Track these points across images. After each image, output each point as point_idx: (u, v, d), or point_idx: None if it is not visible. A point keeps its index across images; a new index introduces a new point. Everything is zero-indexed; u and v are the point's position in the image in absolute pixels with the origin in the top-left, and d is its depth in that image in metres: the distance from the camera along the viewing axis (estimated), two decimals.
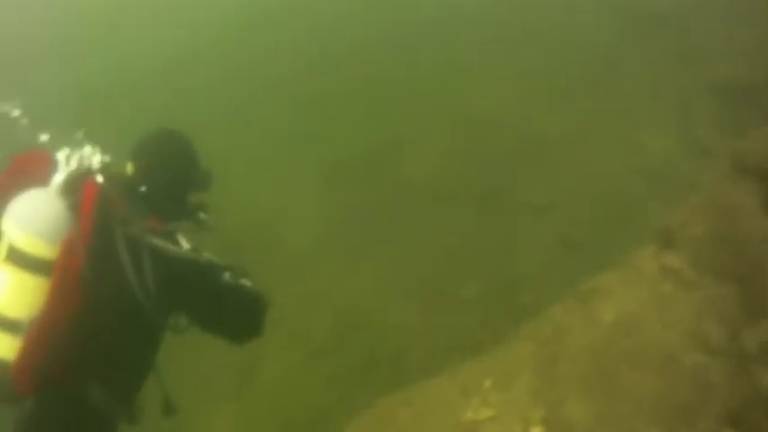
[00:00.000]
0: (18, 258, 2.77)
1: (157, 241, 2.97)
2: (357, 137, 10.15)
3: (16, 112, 3.24)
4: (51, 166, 3.00)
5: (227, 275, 3.16)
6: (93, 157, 3.12)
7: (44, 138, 3.15)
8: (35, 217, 2.84)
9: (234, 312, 3.22)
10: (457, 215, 8.66)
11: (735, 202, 4.53)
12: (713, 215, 4.64)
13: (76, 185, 2.94)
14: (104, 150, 3.15)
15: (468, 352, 7.38)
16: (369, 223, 8.85)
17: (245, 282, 3.24)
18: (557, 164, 8.65)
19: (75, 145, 3.13)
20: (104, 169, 3.11)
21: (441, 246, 8.43)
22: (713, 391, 3.66)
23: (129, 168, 3.27)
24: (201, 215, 3.48)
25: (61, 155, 3.05)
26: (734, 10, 9.55)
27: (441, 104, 10.29)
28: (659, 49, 9.65)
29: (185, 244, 3.13)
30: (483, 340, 7.15)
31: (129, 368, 3.10)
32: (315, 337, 7.91)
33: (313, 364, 7.64)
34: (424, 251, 8.42)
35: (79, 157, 3.08)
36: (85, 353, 2.86)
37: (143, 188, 3.23)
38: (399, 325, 7.73)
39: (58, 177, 2.96)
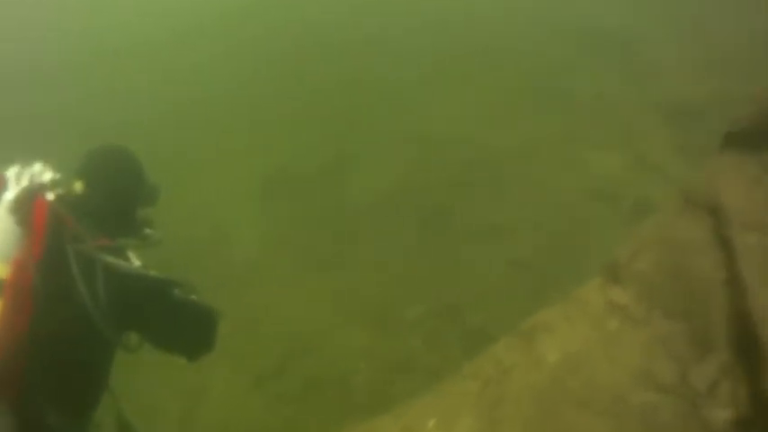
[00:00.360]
0: None
1: (110, 258, 2.94)
2: (304, 152, 10.01)
3: None
4: (0, 184, 2.99)
5: (176, 291, 3.17)
6: (44, 175, 3.11)
7: None
8: None
9: (186, 328, 3.22)
10: (403, 235, 8.55)
11: (684, 236, 4.46)
12: (661, 249, 4.52)
13: (27, 203, 2.91)
14: (54, 168, 3.15)
15: (413, 375, 7.25)
16: (312, 242, 8.67)
17: (194, 297, 3.24)
18: (505, 184, 8.58)
19: (25, 162, 3.12)
20: (54, 186, 3.12)
21: (385, 266, 8.32)
22: (663, 431, 3.48)
23: (78, 186, 3.25)
24: (147, 231, 3.49)
25: (11, 172, 3.04)
26: (682, 27, 9.48)
27: (391, 121, 10.20)
28: (609, 67, 9.58)
29: (135, 261, 3.15)
30: (429, 363, 7.21)
31: (84, 387, 3.03)
32: (259, 361, 7.67)
33: (258, 387, 7.47)
34: (369, 272, 8.30)
35: (29, 175, 3.07)
36: (39, 372, 2.80)
37: (91, 205, 3.22)
38: (344, 347, 7.59)
39: (8, 195, 2.92)
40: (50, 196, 3.05)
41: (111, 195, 3.34)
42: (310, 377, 7.43)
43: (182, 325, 3.21)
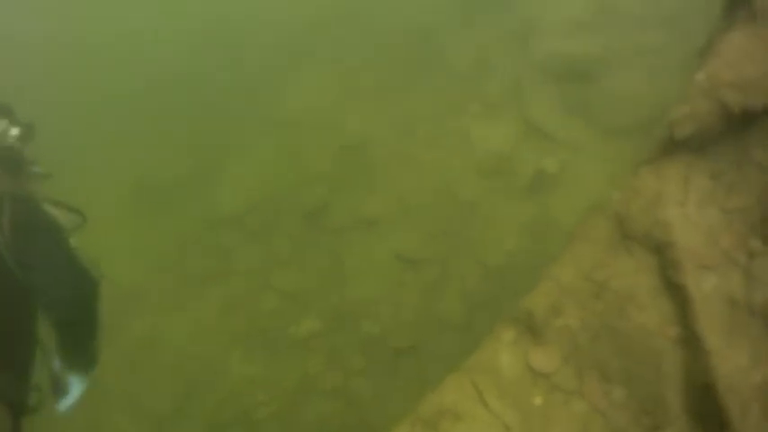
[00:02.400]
0: None
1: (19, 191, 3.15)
2: (166, 159, 9.33)
3: None
4: None
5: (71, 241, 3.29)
6: None
7: None
8: None
9: (71, 277, 3.21)
10: (279, 240, 8.18)
11: (621, 282, 3.75)
12: (590, 299, 3.79)
13: None
14: None
15: (319, 397, 6.90)
16: (188, 258, 8.01)
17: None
18: (383, 170, 8.09)
19: None
20: None
21: (266, 277, 7.96)
22: None
23: None
24: (35, 168, 3.62)
25: None
26: None
27: (251, 115, 9.52)
28: (488, 26, 8.63)
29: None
30: (333, 381, 7.07)
31: (15, 341, 3.08)
32: (152, 401, 7.16)
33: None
34: (251, 286, 7.92)
35: None
36: None
37: None
38: (241, 377, 7.27)
39: None
40: None
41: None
42: (211, 414, 7.02)
43: (68, 273, 3.19)
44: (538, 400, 3.61)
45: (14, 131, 3.55)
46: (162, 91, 10.01)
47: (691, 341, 3.34)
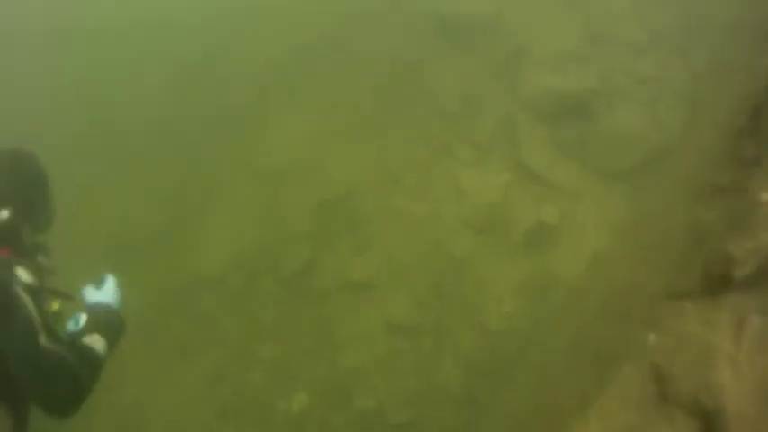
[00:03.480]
0: None
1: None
2: (147, 213, 8.72)
3: None
4: None
5: (77, 319, 3.14)
6: None
7: None
8: None
9: (42, 380, 2.89)
10: (266, 305, 7.67)
11: None
12: None
13: None
14: None
15: None
16: (169, 325, 7.47)
17: (93, 340, 3.13)
18: (370, 226, 7.49)
19: None
20: None
21: (252, 348, 7.46)
22: None
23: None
24: (41, 258, 3.39)
25: None
26: (555, 8, 7.86)
27: (226, 164, 8.86)
28: (474, 56, 7.95)
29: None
30: None
31: None
32: None
33: None
34: (240, 356, 7.45)
35: None
36: None
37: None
38: None
39: None
40: None
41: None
42: None
43: (39, 373, 2.88)
44: None
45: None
46: (136, 138, 9.39)
47: None
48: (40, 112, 9.53)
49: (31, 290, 3.07)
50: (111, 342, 3.29)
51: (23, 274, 3.12)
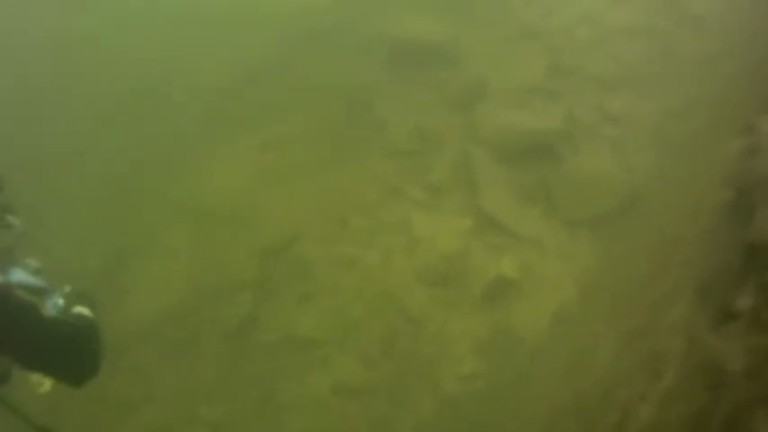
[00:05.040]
0: None
1: None
2: (77, 254, 7.90)
3: None
4: None
5: (55, 302, 3.12)
6: None
7: None
8: None
9: (55, 351, 2.94)
10: (206, 361, 7.02)
11: None
12: None
13: None
14: None
15: None
16: (107, 382, 6.75)
17: (80, 309, 3.18)
18: (317, 275, 6.95)
19: None
20: None
21: (196, 407, 6.78)
22: None
23: None
24: (10, 217, 3.30)
25: None
26: (511, 38, 7.28)
27: (170, 201, 8.15)
28: (428, 87, 7.36)
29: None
30: None
31: None
32: None
33: None
34: (180, 417, 6.78)
35: None
36: None
37: None
38: None
39: None
40: None
41: None
42: None
43: (50, 347, 2.93)
44: None
45: None
46: (63, 173, 8.60)
47: None
48: None
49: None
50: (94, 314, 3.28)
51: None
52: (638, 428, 3.44)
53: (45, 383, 3.12)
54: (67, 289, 3.25)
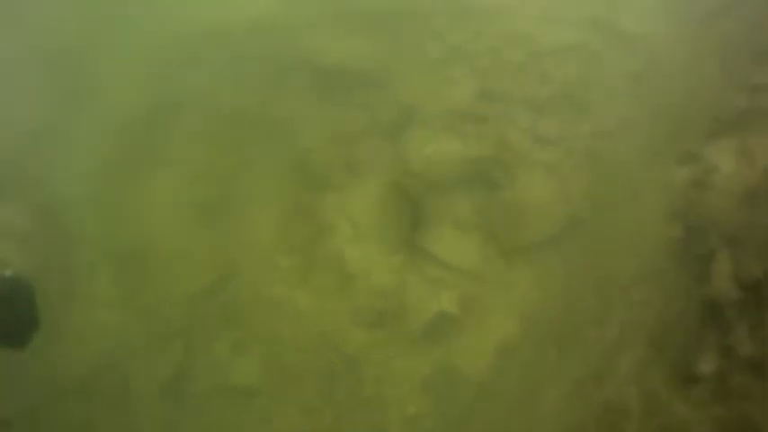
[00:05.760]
0: None
1: None
2: None
3: None
4: None
5: None
6: None
7: None
8: None
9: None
10: (140, 414, 6.62)
11: None
12: None
13: None
14: None
15: None
16: None
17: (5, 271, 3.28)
18: (250, 319, 6.70)
19: None
20: None
21: None
22: None
23: None
24: None
25: None
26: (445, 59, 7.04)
27: (92, 243, 7.61)
28: (356, 119, 7.02)
29: None
30: None
31: None
32: None
33: None
34: None
35: None
36: None
37: None
38: None
39: None
40: None
41: None
42: None
43: None
44: None
45: None
46: None
47: None
48: None
49: None
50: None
51: None
52: None
53: None
54: None
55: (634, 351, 4.29)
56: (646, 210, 5.39)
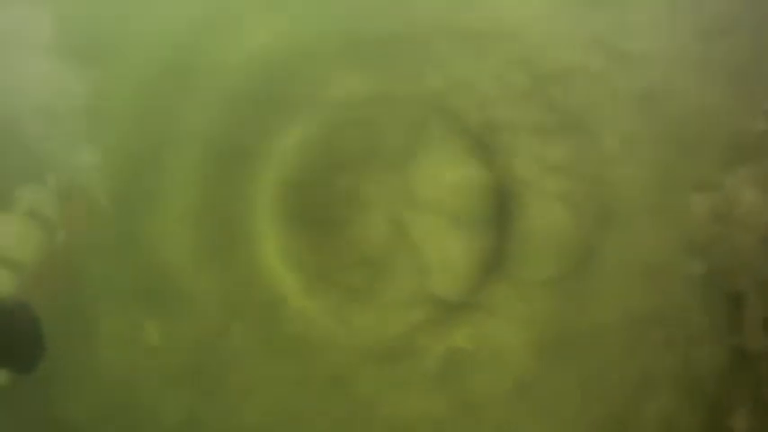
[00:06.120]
0: None
1: None
2: None
3: None
4: None
5: None
6: None
7: None
8: None
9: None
10: None
11: None
12: None
13: None
14: None
15: None
16: None
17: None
18: (254, 359, 6.20)
19: None
20: None
21: None
22: None
23: None
24: None
25: None
26: None
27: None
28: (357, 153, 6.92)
29: None
30: None
31: None
32: None
33: None
34: None
35: None
36: None
37: None
38: None
39: None
40: None
41: None
42: None
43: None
44: None
45: None
46: None
47: None
48: None
49: None
50: None
51: None
52: None
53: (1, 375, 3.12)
54: None
55: (660, 395, 4.13)
56: (663, 241, 5.24)
